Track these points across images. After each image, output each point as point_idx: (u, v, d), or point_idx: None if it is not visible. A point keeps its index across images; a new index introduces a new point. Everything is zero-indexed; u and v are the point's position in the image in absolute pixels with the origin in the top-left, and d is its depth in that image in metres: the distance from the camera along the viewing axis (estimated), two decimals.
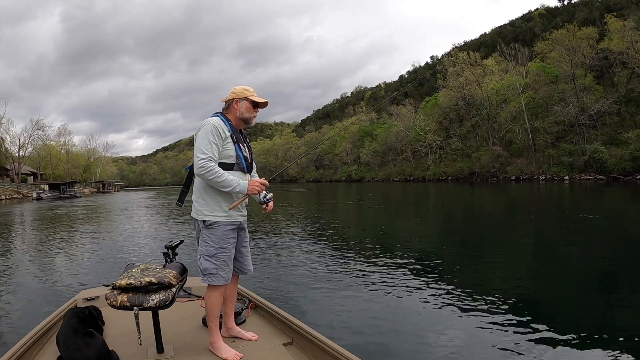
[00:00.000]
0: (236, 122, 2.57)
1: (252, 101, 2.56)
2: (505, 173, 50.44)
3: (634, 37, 41.15)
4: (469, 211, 17.22)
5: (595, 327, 3.82)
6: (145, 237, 11.02)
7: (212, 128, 2.40)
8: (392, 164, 72.06)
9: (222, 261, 2.44)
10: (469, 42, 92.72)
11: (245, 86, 2.60)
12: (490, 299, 4.56)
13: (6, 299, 5.16)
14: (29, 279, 6.34)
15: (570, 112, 44.61)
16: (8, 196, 51.63)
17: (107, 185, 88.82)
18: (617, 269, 6.22)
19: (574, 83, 45.62)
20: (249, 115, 2.57)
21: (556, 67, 48.87)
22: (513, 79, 52.63)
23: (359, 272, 5.95)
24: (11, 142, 67.72)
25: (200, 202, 2.48)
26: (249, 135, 2.83)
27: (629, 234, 9.54)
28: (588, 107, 43.72)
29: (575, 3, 74.91)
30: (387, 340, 3.57)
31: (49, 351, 2.43)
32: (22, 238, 12.34)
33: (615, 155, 38.92)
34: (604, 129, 43.47)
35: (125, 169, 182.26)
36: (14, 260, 8.11)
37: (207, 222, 2.44)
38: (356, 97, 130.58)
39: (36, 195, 50.97)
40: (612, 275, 5.89)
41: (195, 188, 2.55)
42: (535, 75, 51.20)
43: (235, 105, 2.56)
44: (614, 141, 40.35)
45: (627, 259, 6.79)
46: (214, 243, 2.43)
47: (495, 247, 8.34)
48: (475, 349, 3.39)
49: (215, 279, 2.42)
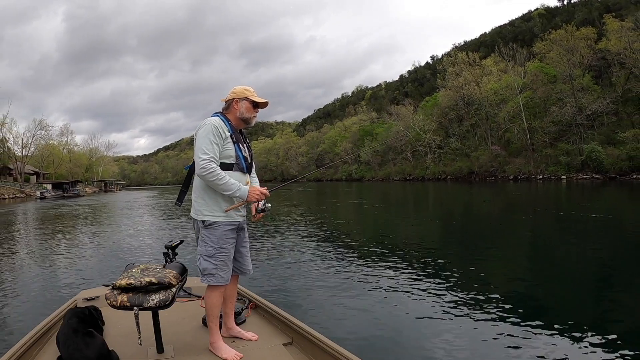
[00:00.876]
0: (236, 122, 2.55)
1: (252, 101, 2.54)
2: (503, 172, 50.46)
3: (631, 37, 41.12)
4: (468, 210, 17.19)
5: (595, 324, 3.80)
6: (145, 237, 10.96)
7: (213, 128, 2.37)
8: (392, 164, 72.08)
9: (222, 261, 2.41)
10: (469, 41, 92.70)
11: (245, 86, 2.58)
12: (489, 298, 4.54)
13: (6, 299, 5.13)
14: (29, 278, 6.29)
15: (568, 112, 44.62)
16: (12, 195, 51.77)
17: (109, 185, 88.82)
18: (615, 267, 6.24)
19: (571, 83, 45.62)
20: (249, 116, 2.55)
21: (554, 67, 48.88)
22: (511, 79, 52.60)
23: (359, 272, 5.93)
24: (14, 141, 67.91)
25: (200, 202, 2.46)
26: (250, 135, 2.80)
27: (625, 232, 9.54)
28: (585, 107, 43.71)
29: (574, 3, 74.74)
30: (387, 340, 3.54)
31: (49, 351, 2.41)
32: (23, 237, 12.31)
33: (612, 155, 38.95)
34: (602, 128, 43.48)
35: (127, 168, 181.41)
36: (15, 259, 8.06)
37: (207, 222, 2.42)
38: (357, 96, 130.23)
39: (40, 195, 51.14)
40: (609, 273, 5.89)
41: (194, 188, 2.53)
42: (533, 76, 51.16)
43: (236, 105, 2.53)
44: (612, 141, 40.36)
45: (624, 257, 6.80)
46: (213, 243, 2.40)
47: (495, 247, 8.33)
48: (475, 348, 3.36)
49: (215, 279, 2.40)
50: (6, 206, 33.29)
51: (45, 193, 54.00)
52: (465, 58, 62.05)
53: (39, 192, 53.23)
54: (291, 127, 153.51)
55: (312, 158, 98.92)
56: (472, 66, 60.52)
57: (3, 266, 7.36)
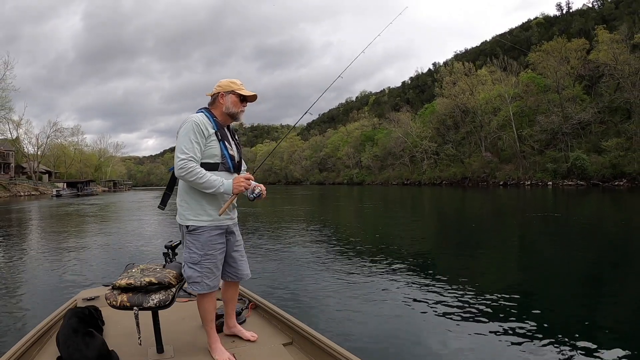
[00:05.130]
0: (222, 118, 2.30)
1: (239, 95, 2.29)
2: (494, 178, 50.99)
3: (616, 49, 41.25)
4: (461, 214, 17.15)
5: (586, 323, 3.81)
6: (146, 237, 10.72)
7: (194, 126, 2.14)
8: (390, 168, 72.19)
9: (207, 269, 2.20)
10: (470, 49, 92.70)
11: (231, 79, 2.34)
12: (485, 298, 4.46)
13: (6, 299, 5.00)
14: (29, 278, 6.14)
15: (554, 122, 44.91)
16: (26, 192, 52.00)
17: (118, 185, 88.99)
18: (599, 267, 6.41)
19: (558, 93, 45.92)
20: (235, 110, 2.30)
21: (546, 77, 49.07)
22: (502, 89, 52.99)
23: (359, 272, 5.83)
24: (29, 142, 68.18)
25: (184, 205, 2.24)
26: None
27: (607, 235, 9.71)
28: (572, 117, 43.94)
29: (573, 12, 74.64)
30: (387, 340, 3.45)
31: (49, 351, 2.33)
32: (27, 236, 12.08)
33: (596, 163, 39.35)
34: (590, 137, 43.64)
35: (133, 168, 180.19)
36: (15, 259, 7.86)
37: (191, 227, 2.20)
38: (360, 101, 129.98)
39: (56, 193, 51.54)
40: (594, 273, 6.03)
41: (178, 191, 2.31)
42: (524, 86, 51.44)
43: (221, 99, 2.29)
44: (597, 149, 40.65)
45: (607, 258, 6.94)
46: (198, 250, 2.19)
47: (488, 248, 8.29)
48: (473, 348, 3.28)
49: (200, 287, 2.20)
50: (21, 203, 33.23)
51: (61, 191, 54.34)
52: (461, 68, 62.23)
53: (54, 191, 53.58)
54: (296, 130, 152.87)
55: (316, 162, 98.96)
56: (468, 76, 60.73)
57: (3, 266, 7.20)
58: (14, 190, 50.31)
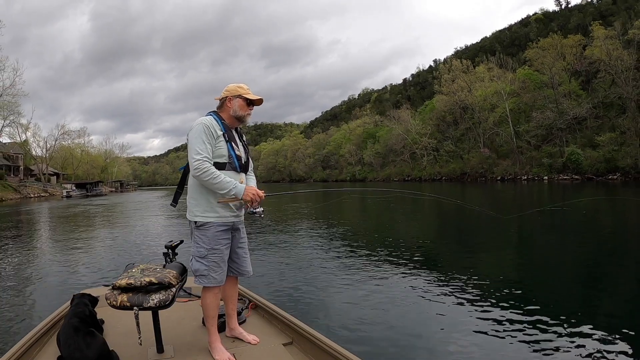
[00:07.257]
0: (230, 121, 2.40)
1: (246, 99, 2.39)
2: (492, 173, 51.06)
3: (610, 45, 41.01)
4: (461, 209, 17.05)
5: (586, 315, 3.78)
6: (146, 237, 10.65)
7: (204, 128, 2.24)
8: (392, 165, 72.08)
9: (214, 262, 2.28)
10: (470, 46, 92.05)
11: (239, 83, 2.44)
12: (486, 295, 4.43)
13: (6, 298, 4.98)
14: (30, 278, 6.11)
15: (549, 117, 44.76)
16: (36, 194, 52.13)
17: (125, 185, 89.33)
18: (595, 259, 6.41)
19: (553, 89, 45.74)
20: (242, 113, 2.40)
21: (542, 73, 48.84)
22: (498, 86, 52.75)
23: (359, 272, 5.76)
24: (37, 144, 68.41)
25: (192, 202, 2.33)
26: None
27: (602, 227, 9.76)
28: (567, 112, 43.74)
29: (571, 8, 73.98)
30: (387, 340, 3.40)
31: (49, 351, 2.30)
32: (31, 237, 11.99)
33: (590, 157, 39.39)
34: (585, 132, 43.49)
35: (138, 168, 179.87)
36: (15, 259, 7.84)
37: (199, 222, 2.29)
38: (363, 99, 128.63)
39: (66, 194, 52.21)
40: (591, 265, 6.05)
41: (188, 188, 2.39)
42: (521, 82, 51.23)
43: (229, 103, 2.39)
44: (593, 144, 40.58)
45: (602, 251, 6.95)
46: (205, 244, 2.27)
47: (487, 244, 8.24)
48: (474, 345, 3.24)
49: (207, 280, 2.28)
50: (32, 204, 33.23)
51: (71, 192, 55.02)
52: (459, 65, 61.96)
53: (64, 192, 54.31)
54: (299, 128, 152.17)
55: (319, 159, 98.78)
56: (466, 73, 60.49)
57: (4, 266, 7.17)
58: (24, 192, 50.43)
